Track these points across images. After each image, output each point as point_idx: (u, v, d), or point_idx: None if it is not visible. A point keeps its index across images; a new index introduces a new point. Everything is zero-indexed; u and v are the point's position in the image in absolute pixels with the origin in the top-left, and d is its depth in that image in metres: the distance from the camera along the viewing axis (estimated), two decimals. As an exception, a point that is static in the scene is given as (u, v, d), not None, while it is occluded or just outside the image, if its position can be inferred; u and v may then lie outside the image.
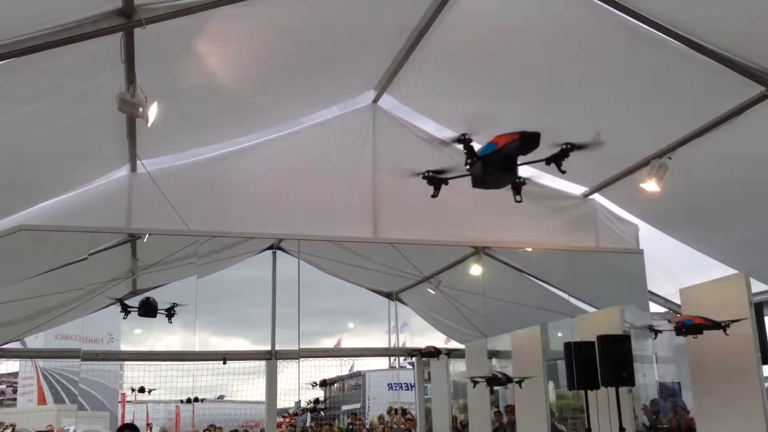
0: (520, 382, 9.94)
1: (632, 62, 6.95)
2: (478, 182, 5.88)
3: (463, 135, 5.78)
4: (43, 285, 9.38)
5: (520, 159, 5.68)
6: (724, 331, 7.86)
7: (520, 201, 6.16)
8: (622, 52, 6.83)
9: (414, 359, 13.02)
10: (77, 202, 8.19)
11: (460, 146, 5.92)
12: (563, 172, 6.07)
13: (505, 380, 9.74)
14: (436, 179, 6.41)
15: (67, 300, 9.87)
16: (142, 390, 11.17)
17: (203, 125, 8.09)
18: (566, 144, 5.93)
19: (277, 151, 8.79)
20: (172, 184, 8.13)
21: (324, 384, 14.53)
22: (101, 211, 8.22)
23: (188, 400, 11.88)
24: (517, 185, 6.19)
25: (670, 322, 8.35)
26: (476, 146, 5.92)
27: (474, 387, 9.75)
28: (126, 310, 10.35)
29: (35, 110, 6.05)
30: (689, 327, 8.11)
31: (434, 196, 6.44)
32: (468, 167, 5.82)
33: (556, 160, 6.03)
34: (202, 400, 11.91)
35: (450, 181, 9.16)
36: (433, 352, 11.68)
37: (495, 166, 5.61)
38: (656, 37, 6.35)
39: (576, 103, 7.85)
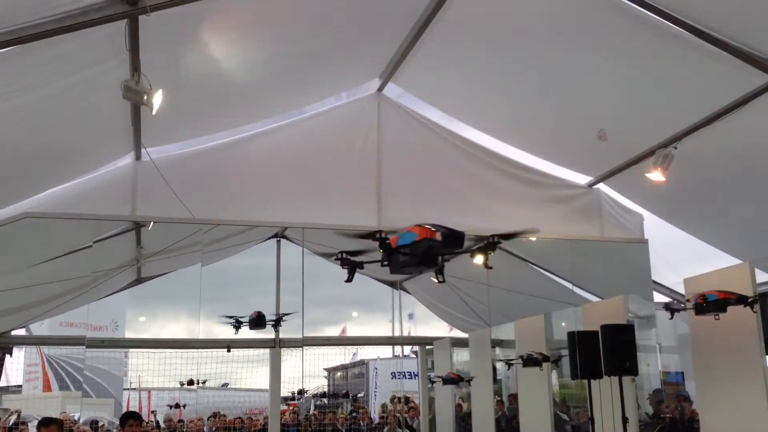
0: (556, 362, 9.93)
1: (638, 51, 6.91)
2: (396, 270, 5.35)
3: (379, 232, 5.23)
4: (47, 272, 9.41)
5: None
6: (752, 307, 7.36)
7: (443, 281, 5.59)
8: (627, 40, 6.79)
9: (417, 348, 13.07)
10: (82, 189, 8.20)
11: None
12: (489, 267, 5.54)
13: (542, 359, 9.68)
14: (350, 262, 5.83)
15: (71, 287, 9.91)
16: (191, 383, 11.15)
17: (208, 113, 8.08)
18: (492, 236, 5.42)
19: (281, 140, 8.79)
20: (176, 172, 8.14)
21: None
22: (106, 199, 8.23)
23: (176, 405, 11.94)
24: (440, 268, 5.60)
25: (689, 300, 7.78)
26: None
27: (509, 369, 9.68)
28: (238, 325, 10.44)
29: (40, 98, 6.04)
30: (712, 303, 7.38)
31: (348, 281, 5.84)
32: (385, 263, 5.29)
33: (482, 252, 5.53)
34: (184, 406, 11.89)
35: (453, 170, 9.23)
36: (455, 379, 11.72)
37: (415, 259, 5.08)
38: (662, 25, 6.31)
39: (581, 92, 7.83)
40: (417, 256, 5.02)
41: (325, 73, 8.11)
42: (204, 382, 11.22)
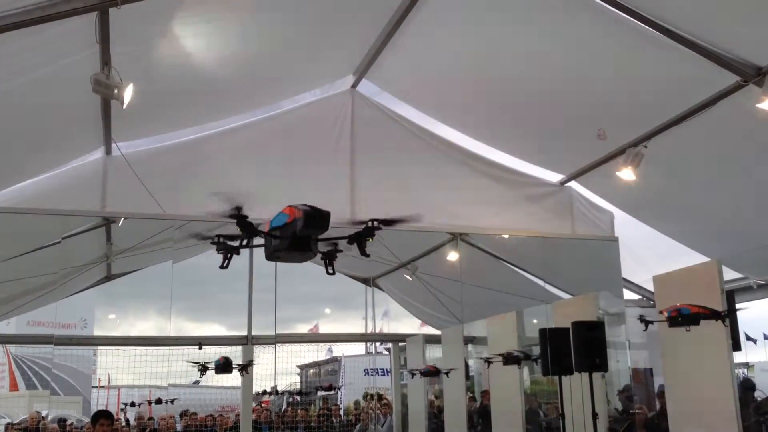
0: (536, 359, 9.98)
1: (609, 50, 6.98)
2: (270, 256, 4.96)
3: (237, 209, 4.87)
4: (15, 269, 9.24)
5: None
6: (723, 321, 7.62)
7: (333, 273, 5.25)
8: (599, 40, 6.85)
9: (390, 344, 13.08)
10: (50, 185, 8.06)
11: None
12: (367, 255, 5.16)
13: (523, 357, 9.72)
14: (226, 246, 5.43)
15: (39, 285, 9.74)
16: (158, 401, 10.99)
17: (180, 108, 8.00)
18: (372, 221, 5.11)
19: (254, 135, 8.73)
20: (147, 168, 8.04)
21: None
22: (75, 194, 8.09)
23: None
24: (330, 255, 5.28)
25: (662, 312, 8.05)
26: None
27: (488, 367, 9.72)
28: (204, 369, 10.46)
29: (7, 91, 5.93)
30: (686, 317, 7.68)
31: (223, 267, 5.46)
32: (245, 243, 4.97)
33: (359, 239, 5.17)
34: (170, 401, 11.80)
35: (427, 167, 9.24)
36: (433, 371, 11.81)
37: (285, 243, 4.71)
38: (632, 24, 6.37)
39: (553, 91, 7.87)
40: (287, 239, 4.69)
41: (298, 69, 8.07)
42: (173, 401, 11.21)
